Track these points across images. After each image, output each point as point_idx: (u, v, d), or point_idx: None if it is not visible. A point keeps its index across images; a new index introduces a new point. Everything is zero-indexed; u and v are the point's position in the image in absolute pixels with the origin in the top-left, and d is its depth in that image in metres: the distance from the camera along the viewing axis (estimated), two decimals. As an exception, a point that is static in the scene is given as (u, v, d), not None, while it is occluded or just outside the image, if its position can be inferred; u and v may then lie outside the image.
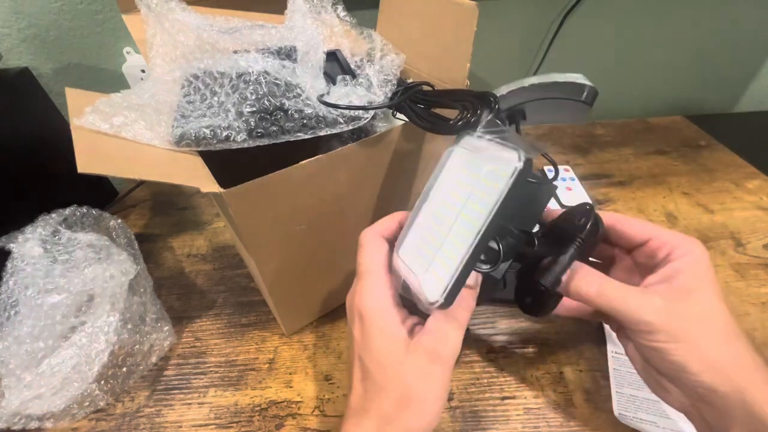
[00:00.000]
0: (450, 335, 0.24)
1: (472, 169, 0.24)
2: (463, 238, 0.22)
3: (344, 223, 0.38)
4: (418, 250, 0.25)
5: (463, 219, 0.23)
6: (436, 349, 0.23)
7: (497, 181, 0.21)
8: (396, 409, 0.23)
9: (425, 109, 0.32)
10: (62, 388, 0.36)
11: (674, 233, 0.26)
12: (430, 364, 0.23)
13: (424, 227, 0.26)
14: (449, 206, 0.24)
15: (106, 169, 0.26)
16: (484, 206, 0.22)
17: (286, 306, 0.42)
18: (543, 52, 0.73)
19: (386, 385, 0.23)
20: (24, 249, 0.40)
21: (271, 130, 0.31)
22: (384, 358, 0.24)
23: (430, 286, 0.23)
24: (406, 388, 0.23)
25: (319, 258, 0.40)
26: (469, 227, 0.22)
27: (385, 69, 0.35)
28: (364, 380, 0.24)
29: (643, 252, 0.27)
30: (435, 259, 0.23)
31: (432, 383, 0.23)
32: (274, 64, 0.33)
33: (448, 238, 0.23)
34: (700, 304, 0.24)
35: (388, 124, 0.38)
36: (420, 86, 0.33)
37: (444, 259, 0.23)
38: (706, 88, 0.81)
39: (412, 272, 0.24)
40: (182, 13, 0.36)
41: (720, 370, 0.23)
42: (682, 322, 0.23)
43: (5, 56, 0.61)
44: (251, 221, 0.32)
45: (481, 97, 0.27)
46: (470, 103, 0.27)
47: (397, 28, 0.42)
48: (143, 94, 0.34)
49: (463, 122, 0.27)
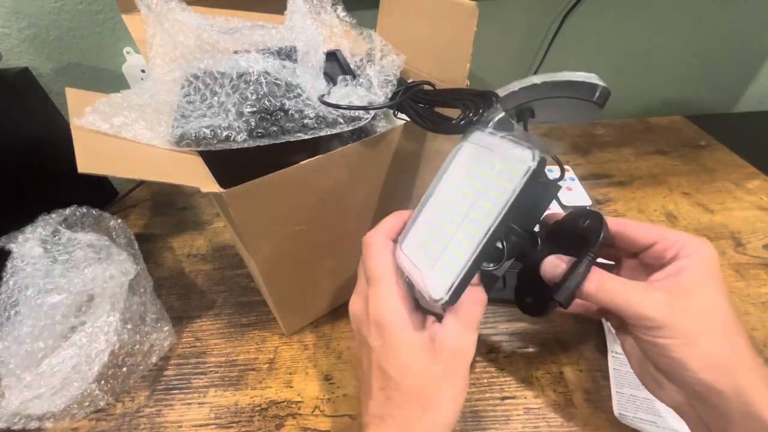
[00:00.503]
0: (467, 335, 0.24)
1: (483, 166, 0.23)
2: (472, 236, 0.22)
3: (345, 224, 0.38)
4: (422, 245, 0.25)
5: (472, 216, 0.23)
6: (457, 351, 0.24)
7: (509, 179, 0.21)
8: (422, 412, 0.23)
9: (427, 109, 0.31)
10: (62, 388, 0.36)
11: (682, 234, 0.26)
12: (453, 365, 0.24)
13: (429, 223, 0.25)
14: (457, 202, 0.24)
15: (106, 169, 0.26)
16: (495, 204, 0.21)
17: (286, 306, 0.42)
18: (543, 52, 0.73)
19: (411, 391, 0.23)
20: (24, 249, 0.40)
21: (271, 130, 0.31)
22: (409, 366, 0.24)
23: (435, 283, 0.23)
24: (431, 392, 0.23)
25: (319, 258, 0.40)
26: (478, 225, 0.22)
27: (385, 69, 0.35)
28: (386, 388, 0.24)
29: (650, 254, 0.27)
30: (440, 256, 0.23)
31: (455, 384, 0.24)
32: (274, 65, 0.33)
33: (456, 235, 0.23)
34: (702, 301, 0.24)
35: (388, 124, 0.38)
36: (421, 86, 0.33)
37: (450, 257, 0.23)
38: (706, 88, 0.81)
39: (416, 268, 0.24)
40: (182, 13, 0.36)
41: (720, 369, 0.23)
42: (683, 317, 0.23)
43: (5, 56, 0.61)
44: (251, 221, 0.32)
45: (482, 96, 0.27)
46: (472, 102, 0.27)
47: (397, 28, 0.42)
48: (143, 94, 0.34)
49: (465, 121, 0.27)
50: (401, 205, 0.31)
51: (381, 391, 0.24)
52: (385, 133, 0.35)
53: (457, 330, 0.24)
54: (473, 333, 0.25)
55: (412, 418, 0.23)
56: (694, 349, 0.23)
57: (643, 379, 0.27)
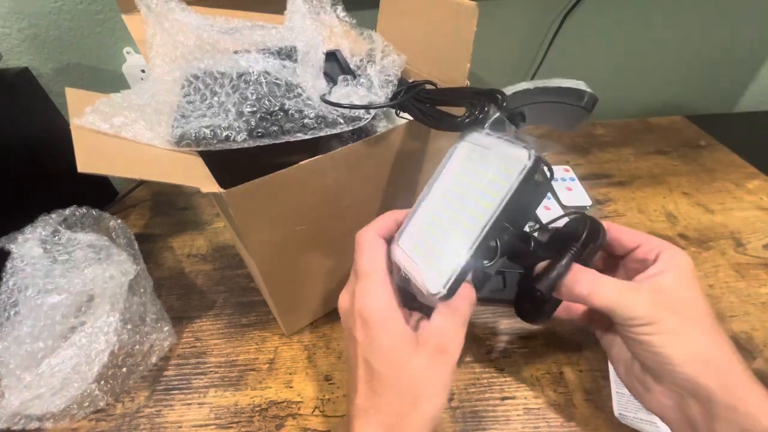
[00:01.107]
0: (455, 330, 0.24)
1: (479, 164, 0.24)
2: (469, 232, 0.22)
3: (345, 223, 0.38)
4: (420, 241, 0.25)
5: (468, 213, 0.23)
6: (443, 345, 0.24)
7: (506, 177, 0.22)
8: (406, 405, 0.23)
9: (431, 108, 0.32)
10: (62, 388, 0.36)
11: (661, 241, 0.28)
12: (439, 360, 0.24)
13: (427, 219, 0.26)
14: (454, 199, 0.25)
15: (106, 169, 0.26)
16: (492, 201, 0.22)
17: (286, 306, 0.42)
18: (543, 52, 0.73)
19: (396, 384, 0.24)
20: (24, 249, 0.40)
21: (271, 130, 0.31)
22: (393, 358, 0.24)
23: (432, 277, 0.23)
24: (416, 385, 0.24)
25: (319, 258, 0.40)
26: (475, 221, 0.22)
27: (386, 69, 0.35)
28: (371, 381, 0.24)
29: (634, 256, 0.28)
30: (437, 252, 0.24)
31: (440, 378, 0.24)
32: (274, 64, 0.33)
33: (453, 231, 0.24)
34: (685, 299, 0.25)
35: (389, 124, 0.38)
36: (423, 85, 0.33)
37: (447, 252, 0.23)
38: (706, 88, 0.81)
39: (413, 263, 0.25)
40: (182, 13, 0.36)
41: (705, 363, 0.24)
42: (668, 313, 0.24)
43: (5, 56, 0.61)
44: (251, 221, 0.32)
45: (488, 95, 0.27)
46: (477, 100, 0.27)
47: (397, 28, 0.42)
48: (143, 94, 0.34)
49: (471, 119, 0.27)
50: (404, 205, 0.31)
51: (366, 384, 0.24)
52: (385, 133, 0.35)
53: (444, 325, 0.24)
54: (462, 329, 0.25)
55: (397, 411, 0.23)
56: (680, 343, 0.24)
57: (630, 383, 0.28)
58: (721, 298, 0.45)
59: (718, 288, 0.47)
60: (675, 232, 0.54)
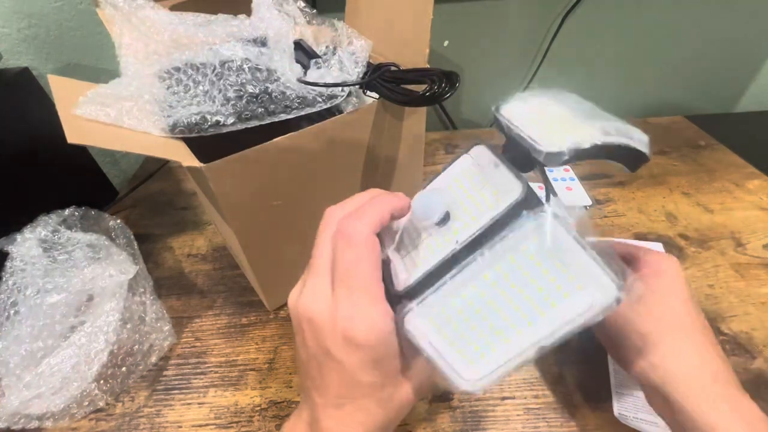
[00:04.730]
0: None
1: (476, 182, 0.24)
2: (438, 249, 0.23)
3: (320, 201, 0.38)
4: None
5: (448, 227, 0.23)
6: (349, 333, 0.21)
7: (495, 203, 0.22)
8: None
9: (396, 85, 0.35)
10: (62, 387, 0.36)
11: (651, 250, 0.30)
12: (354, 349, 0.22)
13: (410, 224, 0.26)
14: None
15: (93, 140, 0.28)
16: (470, 224, 0.22)
17: (267, 280, 0.43)
18: (543, 52, 0.73)
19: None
20: (23, 249, 0.40)
21: (257, 112, 0.34)
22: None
23: (400, 273, 0.24)
24: None
25: (298, 232, 0.40)
26: (449, 238, 0.23)
27: (355, 53, 0.38)
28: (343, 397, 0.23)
29: None
30: (409, 253, 0.24)
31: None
32: (253, 52, 0.36)
33: (425, 240, 0.24)
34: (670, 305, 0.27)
35: (360, 102, 0.41)
36: (389, 67, 0.37)
37: (416, 257, 0.24)
38: (706, 88, 0.81)
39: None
40: (151, 10, 0.37)
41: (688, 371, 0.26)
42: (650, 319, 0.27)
43: (5, 56, 0.61)
44: (230, 194, 0.34)
45: (446, 74, 0.32)
46: (437, 77, 0.32)
47: (363, 19, 0.46)
48: (128, 86, 0.35)
49: (430, 93, 0.31)
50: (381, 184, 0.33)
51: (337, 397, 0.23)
52: (354, 111, 0.38)
53: None
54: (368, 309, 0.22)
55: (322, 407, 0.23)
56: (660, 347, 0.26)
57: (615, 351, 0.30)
58: (721, 298, 0.45)
59: (718, 288, 0.47)
60: (675, 232, 0.54)
